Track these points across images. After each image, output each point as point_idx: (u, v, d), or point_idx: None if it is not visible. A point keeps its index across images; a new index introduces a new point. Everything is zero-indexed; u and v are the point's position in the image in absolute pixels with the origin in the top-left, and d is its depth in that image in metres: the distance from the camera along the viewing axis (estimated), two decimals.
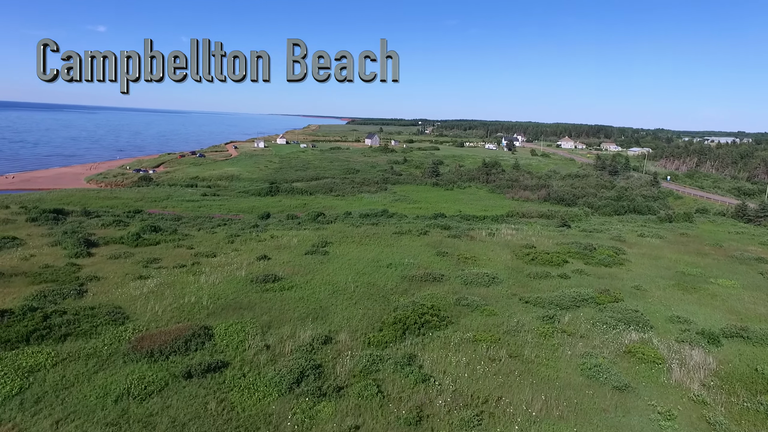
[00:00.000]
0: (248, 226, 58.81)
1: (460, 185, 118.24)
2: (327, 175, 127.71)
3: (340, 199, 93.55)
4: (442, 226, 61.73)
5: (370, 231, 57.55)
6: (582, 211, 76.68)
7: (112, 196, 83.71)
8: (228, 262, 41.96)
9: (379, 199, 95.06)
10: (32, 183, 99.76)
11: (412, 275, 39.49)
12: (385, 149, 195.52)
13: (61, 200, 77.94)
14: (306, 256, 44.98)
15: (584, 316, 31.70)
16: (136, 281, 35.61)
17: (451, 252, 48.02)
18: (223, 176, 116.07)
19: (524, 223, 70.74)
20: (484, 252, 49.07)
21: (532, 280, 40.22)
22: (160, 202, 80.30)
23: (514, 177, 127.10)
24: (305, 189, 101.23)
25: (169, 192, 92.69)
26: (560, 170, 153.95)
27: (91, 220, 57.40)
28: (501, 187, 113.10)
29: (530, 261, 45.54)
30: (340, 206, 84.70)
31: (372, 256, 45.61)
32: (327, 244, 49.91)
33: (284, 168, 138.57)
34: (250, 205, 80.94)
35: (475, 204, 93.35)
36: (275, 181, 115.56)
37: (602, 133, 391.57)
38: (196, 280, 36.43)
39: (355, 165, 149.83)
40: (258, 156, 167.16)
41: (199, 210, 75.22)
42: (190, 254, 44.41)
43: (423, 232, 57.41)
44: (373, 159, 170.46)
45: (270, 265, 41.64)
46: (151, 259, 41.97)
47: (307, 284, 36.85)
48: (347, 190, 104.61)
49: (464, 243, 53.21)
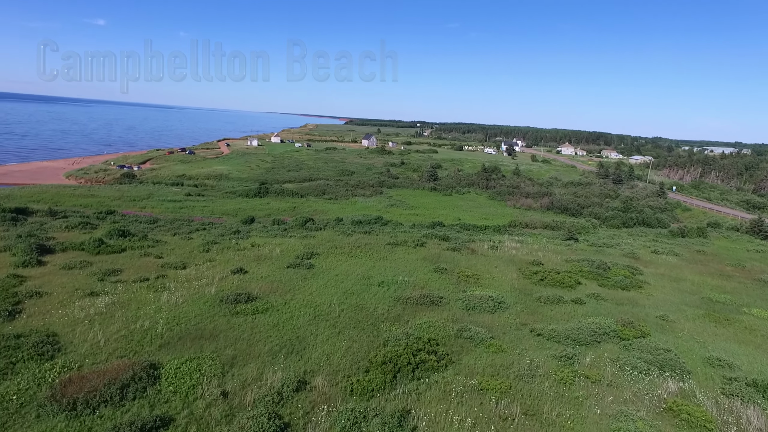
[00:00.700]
0: (229, 232, 53.75)
1: (459, 191, 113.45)
2: (320, 176, 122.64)
3: (332, 203, 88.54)
4: (441, 237, 56.88)
5: (362, 241, 52.63)
6: (589, 223, 72.08)
7: (89, 193, 78.34)
8: (198, 276, 36.92)
9: (373, 203, 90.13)
10: (7, 177, 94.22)
11: (406, 297, 34.60)
12: (382, 151, 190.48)
13: (32, 197, 72.56)
14: (288, 270, 40.02)
15: (608, 356, 26.89)
16: (84, 299, 30.56)
17: (451, 268, 43.17)
18: (211, 175, 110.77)
19: (528, 234, 66.00)
20: (487, 269, 44.24)
21: (543, 305, 35.38)
22: (139, 202, 75.02)
23: (515, 183, 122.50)
24: (296, 191, 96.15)
25: (151, 191, 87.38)
26: (562, 177, 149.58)
27: (56, 221, 52.16)
28: (502, 194, 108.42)
29: (539, 281, 40.72)
30: (331, 211, 79.72)
31: (362, 272, 40.71)
32: (313, 256, 44.98)
33: (276, 168, 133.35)
34: (236, 208, 75.80)
35: (475, 211, 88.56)
36: (265, 181, 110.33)
37: (602, 140, 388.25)
38: (157, 299, 31.40)
39: (351, 166, 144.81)
40: (250, 154, 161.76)
41: (179, 211, 70.03)
42: (157, 265, 39.31)
43: (420, 243, 52.53)
44: (369, 161, 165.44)
45: (246, 280, 36.67)
46: (111, 270, 36.86)
47: (285, 306, 31.92)
48: (341, 193, 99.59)
49: (465, 257, 48.38)
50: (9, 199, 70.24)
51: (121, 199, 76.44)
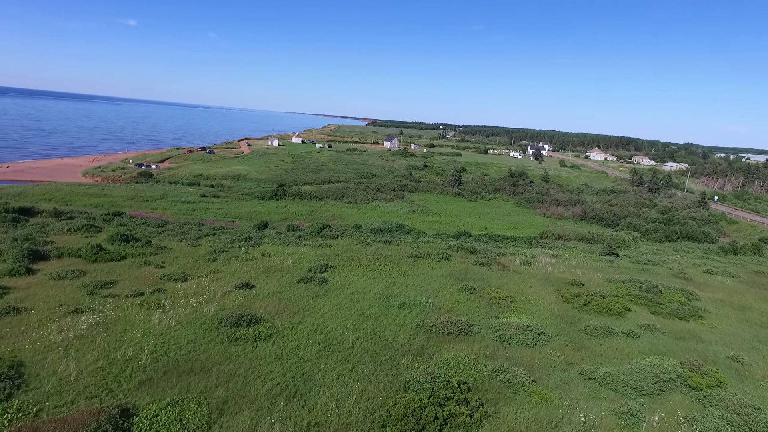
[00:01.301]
0: (239, 239, 50.16)
1: (484, 196, 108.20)
2: (340, 178, 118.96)
3: (351, 207, 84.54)
4: (468, 249, 52.17)
5: (381, 252, 48.36)
6: (630, 237, 66.22)
7: (102, 193, 76.17)
8: (199, 291, 33.19)
9: (394, 209, 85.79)
10: (25, 174, 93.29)
11: (431, 323, 30.13)
12: (404, 153, 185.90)
13: (44, 195, 70.61)
14: (299, 285, 36.04)
15: (681, 414, 21.90)
16: (67, 317, 27.05)
17: (480, 287, 38.49)
18: (229, 175, 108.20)
19: (562, 247, 60.68)
20: (521, 289, 39.42)
21: (590, 338, 30.43)
22: (151, 203, 72.39)
23: (544, 190, 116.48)
24: (315, 193, 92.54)
25: (166, 191, 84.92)
26: (593, 184, 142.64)
27: (60, 223, 49.41)
28: (530, 201, 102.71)
29: (582, 306, 35.71)
30: (350, 216, 75.69)
31: (381, 289, 36.43)
32: (328, 269, 40.89)
33: (296, 169, 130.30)
34: (250, 210, 72.47)
35: (503, 220, 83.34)
36: (284, 182, 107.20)
37: (632, 145, 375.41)
38: (148, 319, 27.70)
39: (372, 169, 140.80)
40: (270, 154, 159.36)
41: (191, 214, 67.00)
42: (156, 276, 35.76)
43: (445, 256, 47.96)
44: (391, 163, 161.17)
45: (250, 297, 32.77)
46: (104, 281, 33.45)
47: (292, 331, 27.85)
48: (360, 196, 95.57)
49: (495, 274, 43.62)
50: (20, 197, 68.43)
51: (134, 199, 73.93)
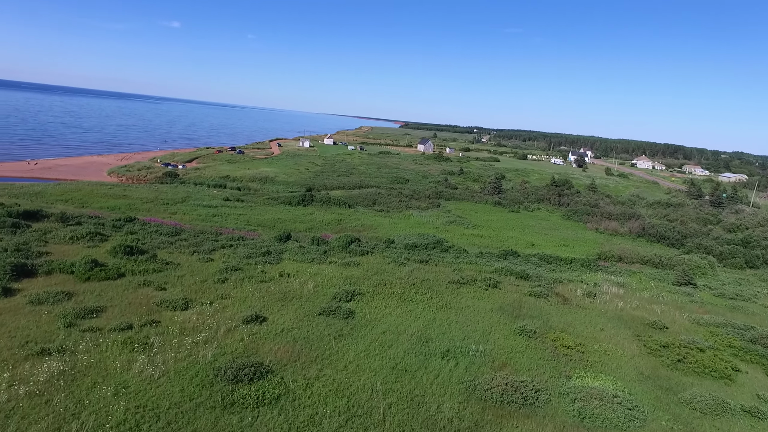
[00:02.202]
0: (258, 253, 44.47)
1: (527, 207, 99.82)
2: (372, 183, 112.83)
3: (383, 216, 78.14)
4: (518, 274, 44.82)
5: (417, 274, 41.69)
6: (705, 262, 57.05)
7: (122, 194, 72.46)
8: (199, 325, 27.36)
9: (430, 218, 78.86)
10: (52, 171, 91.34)
11: (485, 385, 23.28)
12: (439, 157, 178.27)
13: (62, 195, 67.27)
14: (319, 320, 29.83)
15: None
16: (28, 361, 21.68)
17: (541, 329, 31.30)
18: (257, 177, 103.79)
19: (626, 272, 52.43)
20: (590, 332, 31.97)
21: (701, 417, 22.84)
22: (171, 206, 68.01)
23: (593, 201, 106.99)
24: (344, 199, 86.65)
25: (189, 193, 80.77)
26: (644, 195, 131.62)
27: (64, 230, 44.97)
28: (578, 213, 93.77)
29: (675, 363, 28.02)
30: (382, 226, 69.27)
31: (418, 328, 29.82)
32: (355, 296, 34.54)
33: (326, 172, 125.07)
34: (274, 218, 67.07)
35: (551, 235, 75.14)
36: (312, 186, 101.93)
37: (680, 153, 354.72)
38: (128, 367, 22.01)
39: (405, 173, 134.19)
40: (300, 156, 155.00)
41: (211, 220, 62.08)
42: (153, 302, 30.20)
43: (492, 282, 40.81)
44: (425, 167, 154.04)
45: (260, 335, 26.73)
46: (91, 308, 28.07)
47: (306, 391, 21.60)
48: (393, 204, 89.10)
49: (555, 309, 36.25)
50: (36, 198, 65.24)
51: (154, 202, 69.76)
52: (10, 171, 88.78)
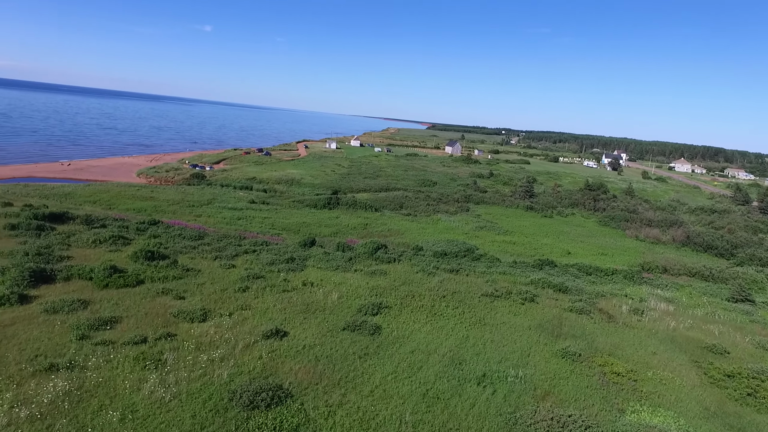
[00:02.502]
0: (281, 259, 42.86)
1: (561, 212, 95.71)
2: (399, 185, 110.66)
3: (410, 220, 75.81)
4: (556, 287, 41.82)
5: (448, 285, 39.28)
6: (763, 275, 52.48)
7: (149, 195, 72.46)
8: (216, 339, 25.75)
9: (459, 223, 76.08)
10: (83, 172, 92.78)
11: (526, 420, 20.81)
12: (467, 160, 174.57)
13: (90, 197, 67.60)
14: (343, 335, 27.86)
15: None
16: (35, 378, 20.40)
17: (585, 351, 28.48)
18: (283, 179, 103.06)
19: (673, 286, 48.62)
20: (642, 356, 28.91)
21: None
22: (196, 208, 67.46)
23: (631, 206, 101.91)
24: (371, 202, 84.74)
25: (215, 194, 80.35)
26: (685, 200, 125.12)
27: (88, 232, 44.42)
28: (615, 220, 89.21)
29: (745, 398, 24.76)
30: (409, 231, 66.96)
31: (451, 347, 27.47)
32: (381, 309, 32.41)
33: (352, 174, 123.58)
34: (299, 221, 65.63)
35: (587, 242, 71.28)
36: (339, 189, 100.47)
37: (720, 156, 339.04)
38: (138, 387, 20.51)
39: (433, 176, 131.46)
40: (327, 158, 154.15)
41: (236, 223, 61.06)
42: (171, 312, 28.77)
43: (529, 296, 38.00)
44: (453, 170, 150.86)
45: (280, 353, 24.92)
46: (106, 319, 26.81)
47: (328, 420, 19.62)
48: (420, 207, 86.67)
49: (600, 328, 33.25)
50: (65, 199, 65.70)
51: (180, 204, 69.39)
52: (44, 171, 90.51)
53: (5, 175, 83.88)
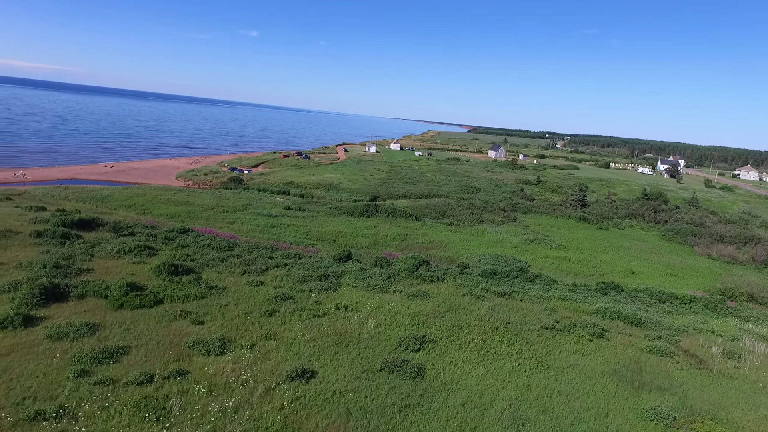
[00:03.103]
0: (314, 276, 39.14)
1: (617, 224, 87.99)
2: (441, 191, 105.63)
3: (453, 231, 70.80)
4: (627, 318, 36.00)
5: (500, 314, 34.34)
6: None
7: (184, 200, 70.90)
8: (233, 380, 22.09)
9: (506, 235, 70.41)
10: (124, 175, 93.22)
11: None
12: (512, 165, 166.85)
13: (126, 201, 66.55)
14: (380, 378, 23.65)
15: None
16: (15, 430, 17.11)
17: (679, 412, 23.03)
18: (321, 184, 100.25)
19: (765, 318, 41.47)
20: (753, 420, 23.06)
21: None
22: (230, 214, 65.12)
23: (696, 219, 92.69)
24: (411, 210, 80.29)
25: (252, 199, 78.15)
26: (757, 212, 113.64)
27: (115, 241, 42.26)
28: (681, 234, 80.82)
29: None
30: (452, 243, 62.03)
31: (509, 401, 22.68)
32: (424, 344, 27.97)
33: (392, 179, 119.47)
34: (336, 231, 61.99)
35: (652, 260, 64.04)
36: (377, 195, 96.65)
37: None
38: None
39: (476, 182, 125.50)
40: (366, 162, 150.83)
41: (269, 232, 58.07)
42: (186, 343, 25.38)
43: (596, 331, 32.48)
44: (498, 176, 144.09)
45: (304, 402, 20.96)
46: (113, 349, 23.70)
47: None
48: (464, 216, 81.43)
49: (689, 376, 27.45)
50: (100, 202, 64.85)
51: (214, 209, 67.31)
52: (87, 173, 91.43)
53: (51, 177, 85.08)
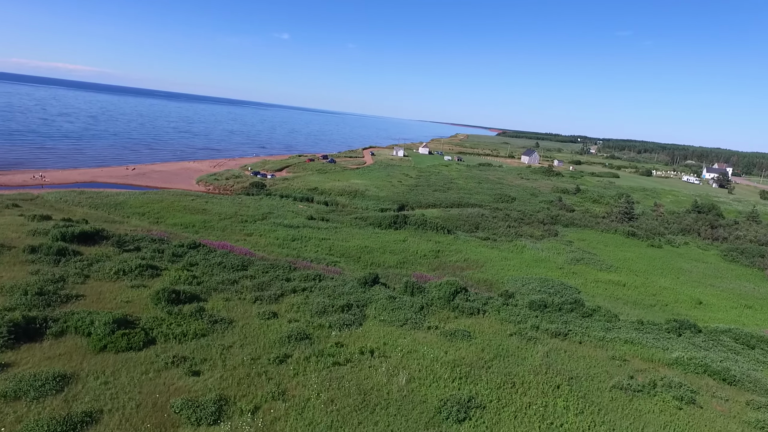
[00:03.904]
0: (336, 306, 33.79)
1: (670, 240, 79.76)
2: (473, 200, 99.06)
3: (489, 247, 64.44)
4: (717, 374, 29.30)
5: (559, 363, 28.28)
6: None
7: (202, 207, 66.79)
8: None
9: (548, 253, 63.65)
10: (144, 178, 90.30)
11: None
12: (548, 171, 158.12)
13: (140, 208, 62.83)
14: None
15: None
16: None
17: None
18: (346, 190, 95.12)
19: None
20: None
21: None
22: (249, 225, 60.55)
23: (762, 237, 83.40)
24: (442, 222, 74.26)
25: (273, 207, 73.59)
26: None
27: (116, 258, 37.96)
28: (746, 255, 72.20)
29: None
30: (490, 262, 55.76)
31: None
32: (471, 410, 22.23)
33: (420, 186, 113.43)
34: (361, 245, 56.58)
35: (719, 287, 56.21)
36: (406, 203, 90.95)
37: None
38: None
39: (510, 190, 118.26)
40: (394, 167, 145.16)
41: (289, 246, 53.11)
42: (174, 406, 20.36)
43: (684, 394, 26.00)
44: (533, 183, 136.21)
45: None
46: (78, 419, 18.92)
47: None
48: (500, 229, 74.89)
49: None
50: (114, 209, 61.29)
51: (232, 219, 62.90)
52: (107, 176, 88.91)
53: (70, 180, 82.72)
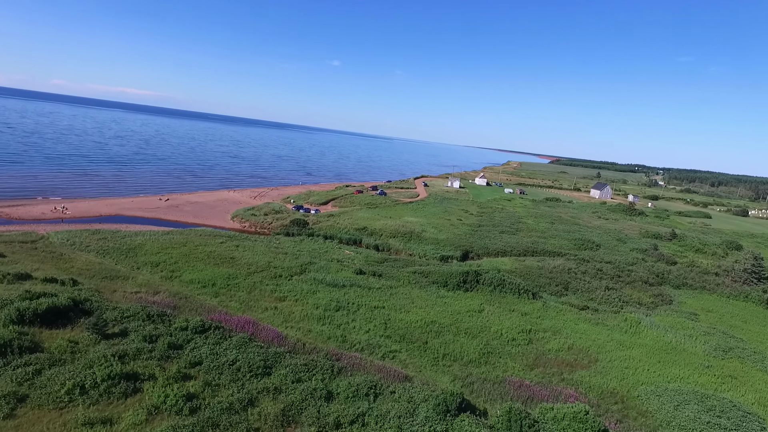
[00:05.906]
0: None
1: None
2: (548, 246, 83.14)
3: (593, 322, 48.81)
4: None
5: None
6: None
7: (230, 255, 55.41)
8: None
9: (674, 334, 47.28)
10: (176, 211, 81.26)
11: None
12: (629, 210, 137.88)
13: (157, 254, 52.15)
14: None
15: None
16: None
17: None
18: (400, 231, 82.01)
19: None
20: None
21: None
22: (282, 283, 48.27)
23: None
24: (522, 279, 59.24)
25: (314, 253, 61.36)
26: None
27: (79, 358, 26.08)
28: None
29: None
30: (604, 352, 40.27)
31: None
32: None
33: (484, 226, 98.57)
34: (427, 319, 42.75)
35: None
36: (470, 249, 76.63)
37: None
38: None
39: (591, 233, 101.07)
40: (450, 200, 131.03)
41: (332, 320, 40.10)
42: None
43: None
44: (614, 224, 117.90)
45: None
46: None
47: None
48: (597, 292, 59.01)
49: None
50: (127, 256, 50.67)
51: (264, 272, 50.92)
52: (136, 208, 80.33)
53: (94, 212, 74.45)
